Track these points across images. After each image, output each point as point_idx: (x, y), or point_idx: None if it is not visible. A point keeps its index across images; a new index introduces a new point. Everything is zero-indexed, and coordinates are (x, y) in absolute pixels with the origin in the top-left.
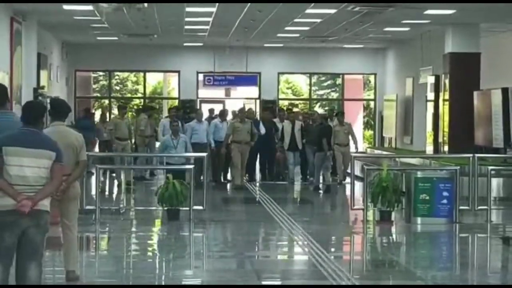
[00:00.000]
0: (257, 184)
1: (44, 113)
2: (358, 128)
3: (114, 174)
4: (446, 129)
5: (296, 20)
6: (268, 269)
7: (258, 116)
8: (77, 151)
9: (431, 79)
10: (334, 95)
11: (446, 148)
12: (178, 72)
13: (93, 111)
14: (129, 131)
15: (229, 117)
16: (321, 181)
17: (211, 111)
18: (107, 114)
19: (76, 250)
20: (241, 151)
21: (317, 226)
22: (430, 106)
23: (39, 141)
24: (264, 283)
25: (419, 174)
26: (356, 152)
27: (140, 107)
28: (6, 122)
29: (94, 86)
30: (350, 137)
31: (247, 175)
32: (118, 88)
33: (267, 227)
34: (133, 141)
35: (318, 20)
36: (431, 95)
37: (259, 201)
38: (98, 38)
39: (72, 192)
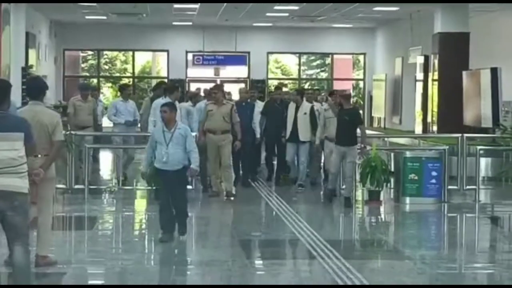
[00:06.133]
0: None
1: (9, 91)
2: None
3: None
4: (435, 109)
5: None
6: (257, 249)
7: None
8: (49, 131)
9: (420, 59)
10: (324, 75)
11: (435, 128)
12: (167, 51)
13: None
14: (94, 117)
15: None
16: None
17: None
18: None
19: (49, 234)
20: (217, 144)
21: (306, 205)
22: (419, 86)
23: (7, 124)
24: (254, 261)
25: (408, 154)
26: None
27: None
28: None
29: (83, 65)
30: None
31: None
32: (107, 67)
33: (256, 207)
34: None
35: None
36: (420, 75)
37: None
38: (87, 17)
39: (46, 174)
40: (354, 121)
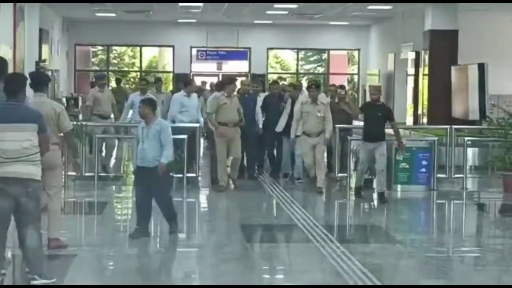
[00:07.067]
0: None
1: (24, 84)
2: None
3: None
4: (426, 102)
5: None
6: (257, 233)
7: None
8: (53, 121)
9: (411, 55)
10: (320, 70)
11: (425, 120)
12: (173, 46)
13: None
14: (112, 106)
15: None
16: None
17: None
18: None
19: (58, 219)
20: (228, 138)
21: (302, 192)
22: (411, 81)
23: (21, 115)
24: (253, 245)
25: None
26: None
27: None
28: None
29: (93, 60)
30: (326, 123)
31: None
32: (116, 61)
33: (257, 195)
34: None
35: None
36: (411, 70)
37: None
38: (97, 14)
39: (52, 162)
40: (388, 117)
